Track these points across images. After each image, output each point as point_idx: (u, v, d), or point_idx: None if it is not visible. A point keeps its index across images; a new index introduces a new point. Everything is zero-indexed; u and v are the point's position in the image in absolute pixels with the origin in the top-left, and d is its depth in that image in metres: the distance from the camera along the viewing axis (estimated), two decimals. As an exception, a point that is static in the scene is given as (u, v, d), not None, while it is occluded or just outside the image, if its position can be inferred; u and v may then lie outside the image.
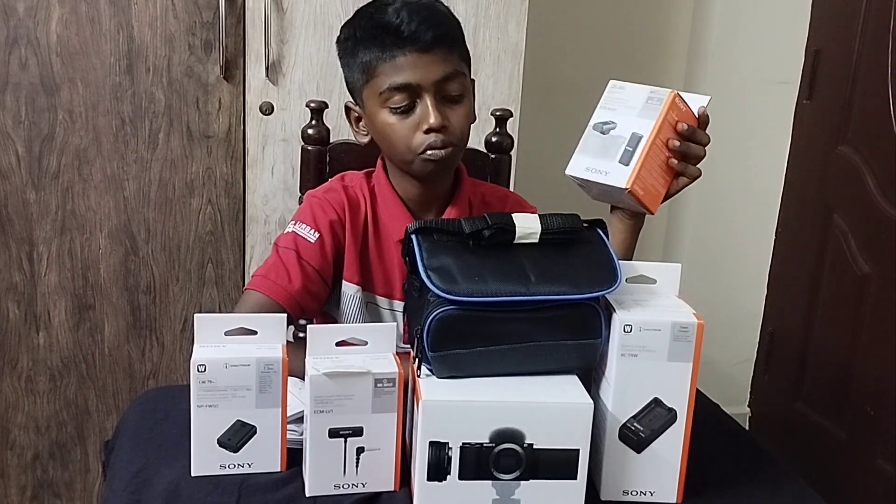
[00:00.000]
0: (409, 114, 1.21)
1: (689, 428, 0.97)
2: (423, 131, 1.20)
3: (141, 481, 0.97)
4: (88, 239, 1.84)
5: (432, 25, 1.19)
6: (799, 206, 2.46)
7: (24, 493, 1.95)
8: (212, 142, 1.85)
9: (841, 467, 2.23)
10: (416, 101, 1.20)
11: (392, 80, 1.19)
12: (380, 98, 1.21)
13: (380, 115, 1.22)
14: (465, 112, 1.23)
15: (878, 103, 2.12)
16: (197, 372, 0.94)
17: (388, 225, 1.30)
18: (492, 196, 1.39)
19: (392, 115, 1.21)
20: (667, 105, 1.10)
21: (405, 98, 1.20)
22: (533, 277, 0.94)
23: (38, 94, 1.75)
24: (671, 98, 1.10)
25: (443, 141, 1.20)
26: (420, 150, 1.21)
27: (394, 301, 1.31)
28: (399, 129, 1.21)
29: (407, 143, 1.21)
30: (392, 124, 1.21)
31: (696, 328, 0.95)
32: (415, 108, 1.20)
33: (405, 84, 1.19)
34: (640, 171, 1.09)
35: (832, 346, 2.31)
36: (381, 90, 1.20)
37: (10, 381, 1.88)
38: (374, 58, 1.20)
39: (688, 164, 1.13)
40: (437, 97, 1.20)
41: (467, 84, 1.25)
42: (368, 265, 1.31)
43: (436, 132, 1.20)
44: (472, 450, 0.91)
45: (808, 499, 1.05)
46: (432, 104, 1.19)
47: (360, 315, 1.32)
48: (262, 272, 1.24)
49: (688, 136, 1.12)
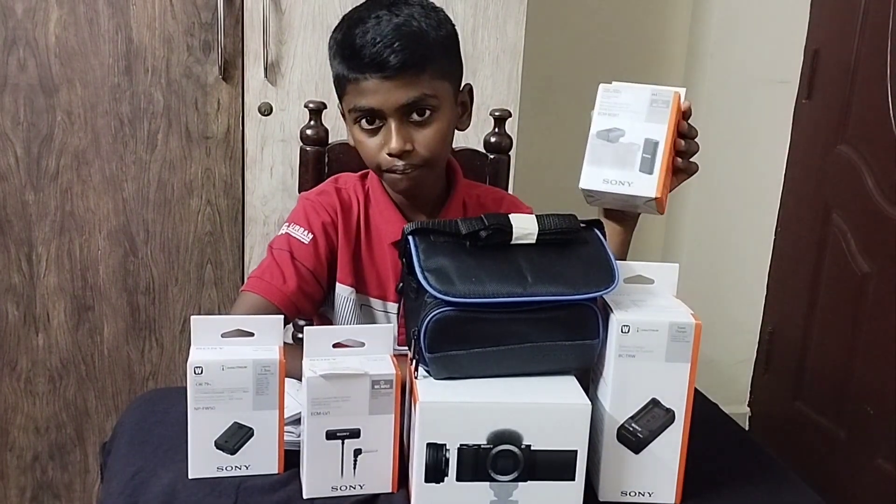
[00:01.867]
0: (377, 133, 1.21)
1: (687, 428, 0.97)
2: (387, 153, 1.20)
3: (138, 483, 0.97)
4: (87, 240, 1.84)
5: (398, 50, 1.15)
6: (798, 205, 2.46)
7: (24, 494, 1.95)
8: (210, 142, 1.85)
9: (840, 467, 2.23)
10: (384, 121, 1.20)
11: (356, 102, 1.20)
12: (350, 114, 1.22)
13: (352, 129, 1.24)
14: (434, 132, 1.21)
15: (877, 103, 2.12)
16: (193, 374, 0.94)
17: (381, 227, 1.30)
18: (487, 198, 1.38)
19: (361, 133, 1.22)
20: (674, 107, 1.09)
21: (372, 119, 1.20)
22: (530, 278, 0.94)
23: (37, 96, 1.75)
24: (677, 100, 1.10)
25: (404, 165, 1.20)
26: (385, 168, 1.22)
27: (387, 303, 1.31)
28: (367, 145, 1.22)
29: (374, 160, 1.22)
30: (361, 141, 1.23)
31: (693, 328, 0.95)
32: (382, 128, 1.20)
33: (368, 108, 1.19)
34: (664, 177, 1.08)
35: (831, 345, 2.31)
36: (350, 108, 1.21)
37: (9, 382, 1.88)
38: (341, 75, 1.21)
39: (690, 162, 1.14)
40: (402, 120, 1.19)
41: (443, 101, 1.21)
42: (362, 267, 1.30)
43: (397, 156, 1.19)
44: (470, 451, 0.91)
45: (808, 499, 1.05)
46: (396, 128, 1.18)
47: (355, 317, 1.31)
48: (257, 273, 1.25)
49: (686, 133, 1.12)
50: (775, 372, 2.57)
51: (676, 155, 1.11)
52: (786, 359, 2.50)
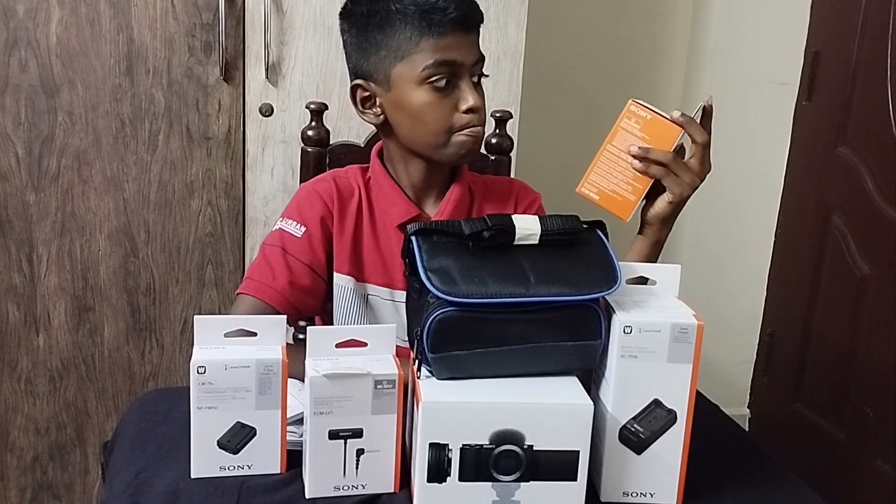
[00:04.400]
0: (447, 95, 1.21)
1: (689, 429, 0.97)
2: (463, 111, 1.21)
3: (140, 483, 0.97)
4: (88, 240, 1.84)
5: (474, 9, 1.22)
6: (798, 207, 2.46)
7: (24, 494, 1.95)
8: (211, 143, 1.85)
9: (840, 468, 2.23)
10: (453, 81, 1.21)
11: (436, 57, 1.19)
12: (420, 74, 1.20)
13: (415, 93, 1.21)
14: (485, 95, 1.26)
15: (878, 104, 2.12)
16: (197, 374, 0.94)
17: (386, 210, 1.29)
18: (495, 184, 1.39)
19: (431, 94, 1.20)
20: (623, 112, 1.14)
21: (445, 76, 1.20)
22: (533, 279, 0.94)
23: (38, 96, 1.75)
24: (626, 105, 1.14)
25: (479, 120, 1.22)
26: (459, 128, 1.22)
27: (394, 291, 1.29)
28: (437, 107, 1.21)
29: (444, 123, 1.21)
30: (430, 102, 1.21)
31: (695, 329, 0.95)
32: (450, 90, 1.21)
33: (451, 60, 1.19)
34: (590, 175, 1.15)
35: (831, 347, 2.31)
36: (424, 66, 1.19)
37: (9, 382, 1.88)
38: (417, 33, 1.19)
39: (668, 174, 1.13)
40: (471, 78, 1.22)
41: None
42: (363, 255, 1.29)
43: (474, 112, 1.21)
44: (472, 451, 0.91)
45: (808, 500, 1.05)
46: (470, 85, 1.21)
47: (355, 309, 1.30)
48: (248, 274, 1.25)
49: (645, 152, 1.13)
50: (775, 373, 2.57)
51: (641, 164, 1.13)
52: (786, 360, 2.51)
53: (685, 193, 1.15)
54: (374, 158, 1.32)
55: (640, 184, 1.14)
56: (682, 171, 1.14)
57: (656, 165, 1.13)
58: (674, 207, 1.17)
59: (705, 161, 1.16)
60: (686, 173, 1.14)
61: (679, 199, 1.16)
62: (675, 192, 1.15)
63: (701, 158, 1.15)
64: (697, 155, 1.15)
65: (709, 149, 1.15)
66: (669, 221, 1.20)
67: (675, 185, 1.14)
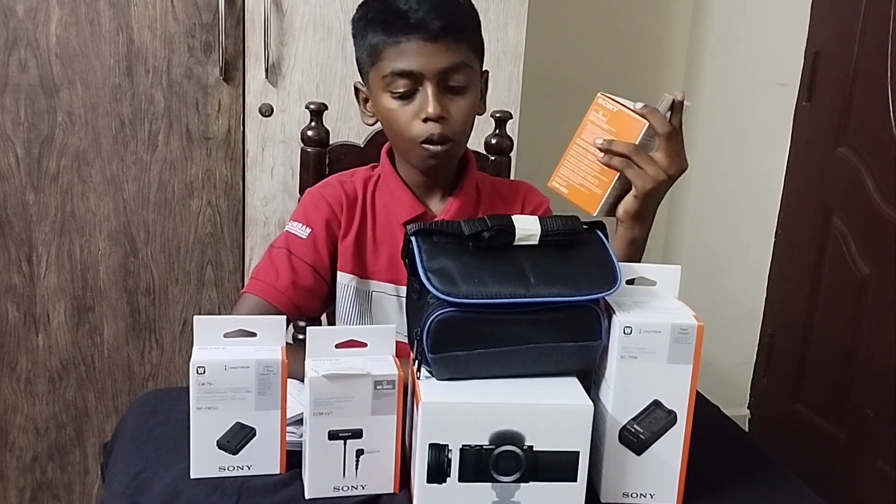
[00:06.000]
0: (410, 100, 1.20)
1: (689, 430, 0.97)
2: (422, 120, 1.20)
3: (140, 483, 0.97)
4: (88, 241, 1.84)
5: (441, 14, 1.18)
6: (798, 207, 2.46)
7: (23, 495, 1.94)
8: (211, 143, 1.85)
9: (841, 469, 2.23)
10: (418, 88, 1.20)
11: (395, 66, 1.19)
12: (383, 81, 1.21)
13: (382, 99, 1.23)
14: (468, 104, 1.22)
15: (878, 105, 2.12)
16: (196, 374, 0.94)
17: (392, 207, 1.29)
18: (503, 185, 1.39)
19: (393, 101, 1.21)
20: (592, 105, 1.13)
21: (407, 84, 1.19)
22: (533, 279, 0.94)
23: (38, 96, 1.75)
24: (595, 98, 1.13)
25: (440, 134, 1.20)
26: (419, 139, 1.21)
27: (400, 287, 1.28)
28: (399, 115, 1.21)
29: (406, 130, 1.21)
30: (393, 110, 1.22)
31: (696, 330, 0.95)
32: (416, 96, 1.20)
33: (407, 71, 1.19)
34: (560, 168, 1.14)
35: (832, 347, 2.31)
36: (385, 74, 1.20)
37: (9, 382, 1.88)
38: (380, 41, 1.20)
39: (631, 166, 1.09)
40: (439, 87, 1.20)
41: (474, 76, 1.24)
42: (367, 252, 1.29)
43: (434, 122, 1.19)
44: (472, 452, 0.91)
45: (808, 501, 1.05)
46: (433, 93, 1.19)
47: (356, 306, 1.30)
48: (253, 274, 1.26)
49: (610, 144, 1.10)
50: (775, 374, 2.57)
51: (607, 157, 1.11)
52: (786, 361, 2.50)
53: (647, 186, 1.09)
54: (384, 156, 1.33)
55: (606, 177, 1.12)
56: (646, 164, 1.09)
57: (620, 158, 1.10)
58: (640, 202, 1.11)
59: (672, 154, 1.10)
60: (650, 166, 1.09)
61: (642, 192, 1.10)
62: (637, 186, 1.10)
63: (667, 151, 1.10)
64: (662, 147, 1.10)
65: (676, 142, 1.10)
66: (641, 217, 1.14)
67: (637, 177, 1.10)
